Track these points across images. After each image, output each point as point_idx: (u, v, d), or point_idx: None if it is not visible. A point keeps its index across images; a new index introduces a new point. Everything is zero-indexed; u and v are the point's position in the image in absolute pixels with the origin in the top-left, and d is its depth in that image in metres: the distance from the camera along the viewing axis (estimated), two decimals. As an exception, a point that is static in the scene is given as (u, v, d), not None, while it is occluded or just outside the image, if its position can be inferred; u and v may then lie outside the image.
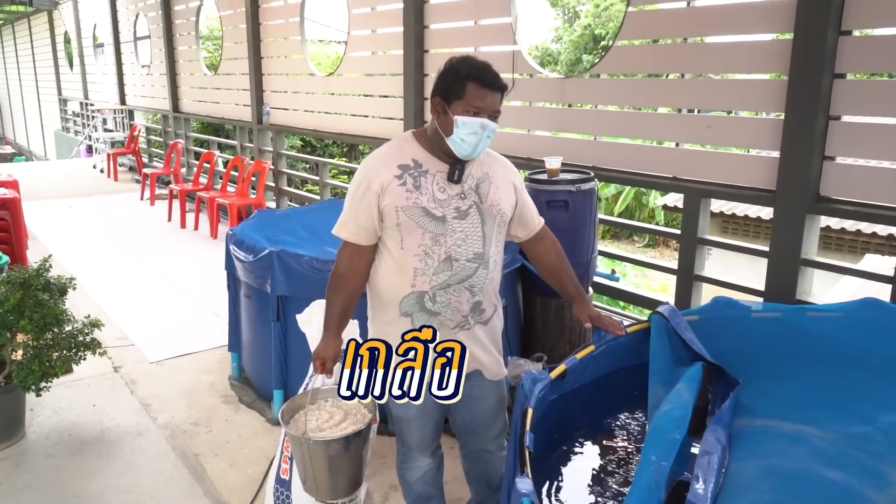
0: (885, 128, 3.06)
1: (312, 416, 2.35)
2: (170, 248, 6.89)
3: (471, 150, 2.05)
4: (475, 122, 2.00)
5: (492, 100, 2.03)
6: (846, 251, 10.19)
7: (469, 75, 2.02)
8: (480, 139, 2.03)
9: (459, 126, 2.01)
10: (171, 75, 9.94)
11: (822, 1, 3.00)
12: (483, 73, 2.03)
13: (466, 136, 2.01)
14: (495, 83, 2.04)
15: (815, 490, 1.68)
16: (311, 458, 2.24)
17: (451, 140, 2.04)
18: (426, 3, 5.24)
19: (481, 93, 2.02)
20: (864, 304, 2.45)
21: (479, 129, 2.01)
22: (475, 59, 2.07)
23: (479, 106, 2.01)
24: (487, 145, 2.09)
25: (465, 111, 2.01)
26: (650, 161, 3.93)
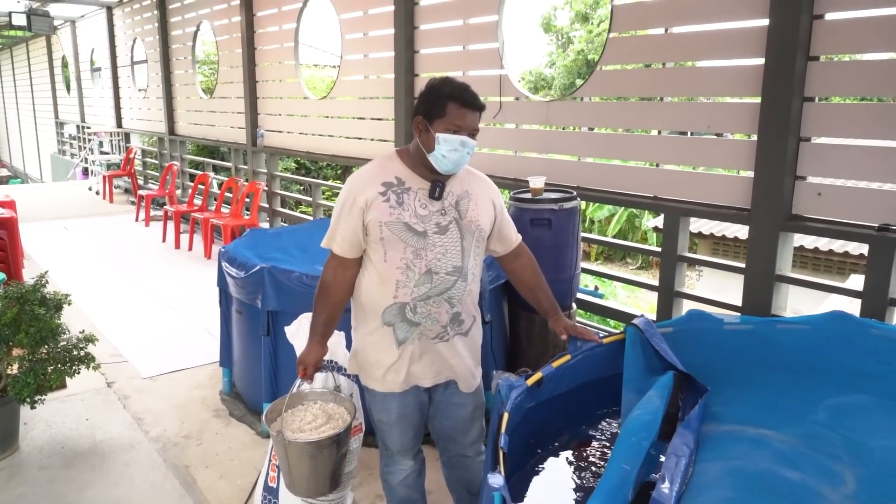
0: (851, 149, 3.19)
1: (298, 416, 2.44)
2: (164, 268, 6.98)
3: (451, 166, 2.16)
4: (456, 139, 2.12)
5: (471, 118, 2.15)
6: (835, 272, 10.34)
7: (450, 95, 2.14)
8: (461, 155, 2.14)
9: (441, 143, 2.12)
10: (167, 98, 10.09)
11: (791, 29, 3.13)
12: (463, 93, 2.15)
13: (447, 153, 2.13)
14: (474, 103, 2.16)
15: (773, 488, 1.77)
16: (288, 457, 2.32)
17: (432, 156, 2.15)
18: (416, 29, 5.39)
19: (461, 112, 2.13)
20: (832, 317, 2.55)
21: (460, 146, 2.13)
22: (455, 81, 2.19)
23: (460, 124, 2.13)
24: (467, 161, 2.20)
25: (447, 129, 2.12)
26: (632, 181, 4.05)
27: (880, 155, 3.08)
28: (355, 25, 6.10)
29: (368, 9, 5.89)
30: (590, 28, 21.39)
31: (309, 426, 2.38)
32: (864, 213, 3.10)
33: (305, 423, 2.39)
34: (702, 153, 3.78)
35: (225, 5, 8.18)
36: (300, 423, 2.39)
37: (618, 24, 4.00)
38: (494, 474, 1.68)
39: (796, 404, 2.23)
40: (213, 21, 8.58)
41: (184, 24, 9.39)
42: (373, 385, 2.36)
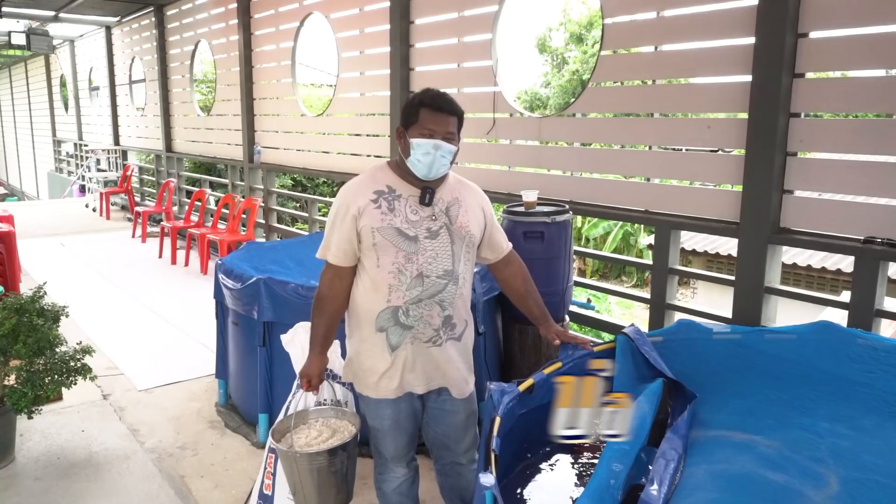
0: (836, 163, 3.26)
1: (302, 433, 2.48)
2: (160, 283, 7.01)
3: (427, 170, 2.22)
4: (428, 143, 2.18)
5: (443, 122, 2.21)
6: (827, 289, 10.41)
7: (422, 102, 2.23)
8: (434, 158, 2.20)
9: (415, 147, 2.19)
10: (164, 116, 10.17)
11: (776, 47, 3.21)
12: (435, 99, 2.23)
13: (421, 157, 2.19)
14: (446, 107, 2.23)
15: (758, 489, 1.81)
16: (298, 472, 2.35)
17: (409, 161, 2.22)
18: (412, 47, 5.48)
19: (433, 116, 2.20)
20: (818, 327, 2.60)
21: (433, 150, 2.19)
22: (431, 90, 2.27)
23: (432, 128, 2.19)
24: (444, 164, 2.24)
25: (420, 134, 2.19)
26: (623, 195, 4.12)
27: (865, 169, 3.15)
28: (352, 44, 6.19)
29: (365, 27, 5.99)
30: (584, 49, 21.62)
31: (316, 441, 2.42)
32: (850, 225, 3.15)
33: (312, 440, 2.44)
34: (692, 168, 3.85)
35: (223, 24, 8.29)
36: (307, 440, 2.44)
37: (609, 42, 4.09)
38: (486, 474, 1.72)
39: (782, 411, 2.27)
40: (211, 40, 8.69)
41: (182, 44, 9.50)
42: (367, 392, 2.40)
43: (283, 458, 2.40)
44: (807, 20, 3.16)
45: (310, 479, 2.36)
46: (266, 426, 3.54)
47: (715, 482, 1.86)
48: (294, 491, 2.45)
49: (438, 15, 5.20)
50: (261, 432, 3.56)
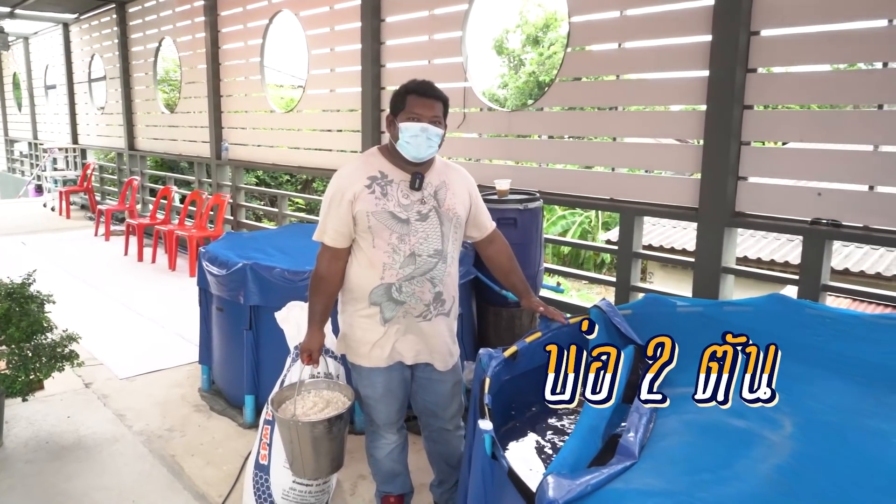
0: (785, 151, 3.54)
1: (298, 404, 2.62)
2: (130, 280, 7.01)
3: (416, 152, 2.39)
4: (416, 126, 2.36)
5: (430, 107, 2.39)
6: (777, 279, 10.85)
7: (408, 89, 2.41)
8: (422, 140, 2.37)
9: (403, 131, 2.37)
10: (127, 114, 10.11)
11: (731, 44, 3.48)
12: (420, 85, 2.42)
13: (410, 139, 2.37)
14: (430, 92, 2.41)
15: (724, 433, 2.02)
16: (299, 440, 2.49)
17: (399, 145, 2.40)
18: (382, 45, 5.64)
19: (419, 101, 2.38)
20: (771, 299, 2.86)
21: (420, 132, 2.36)
22: (417, 79, 2.45)
23: (419, 112, 2.37)
24: (432, 147, 2.41)
25: (408, 118, 2.37)
26: (590, 184, 4.35)
27: (812, 157, 3.43)
28: (322, 41, 6.32)
29: (335, 25, 6.13)
30: (540, 51, 21.97)
31: (312, 411, 2.56)
32: (798, 208, 3.43)
33: (308, 409, 2.58)
34: (654, 158, 4.10)
35: (188, 22, 8.31)
36: (303, 410, 2.57)
37: (575, 40, 4.32)
38: (484, 420, 1.90)
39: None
40: (175, 37, 8.69)
41: (145, 41, 9.47)
42: (360, 361, 2.55)
43: (283, 427, 2.54)
44: (758, 19, 3.43)
45: (309, 446, 2.50)
46: (253, 407, 3.66)
47: (686, 428, 2.07)
48: (292, 458, 2.59)
49: (409, 13, 5.37)
50: (247, 413, 3.67)
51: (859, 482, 1.76)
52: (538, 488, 1.60)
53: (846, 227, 3.27)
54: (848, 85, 3.31)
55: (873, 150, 3.20)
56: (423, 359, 2.58)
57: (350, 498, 3.05)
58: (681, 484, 1.75)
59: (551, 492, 1.57)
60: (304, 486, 2.81)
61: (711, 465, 1.87)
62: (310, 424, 2.46)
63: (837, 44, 3.25)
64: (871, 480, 1.78)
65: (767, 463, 1.87)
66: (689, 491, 1.70)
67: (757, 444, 1.98)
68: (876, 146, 3.19)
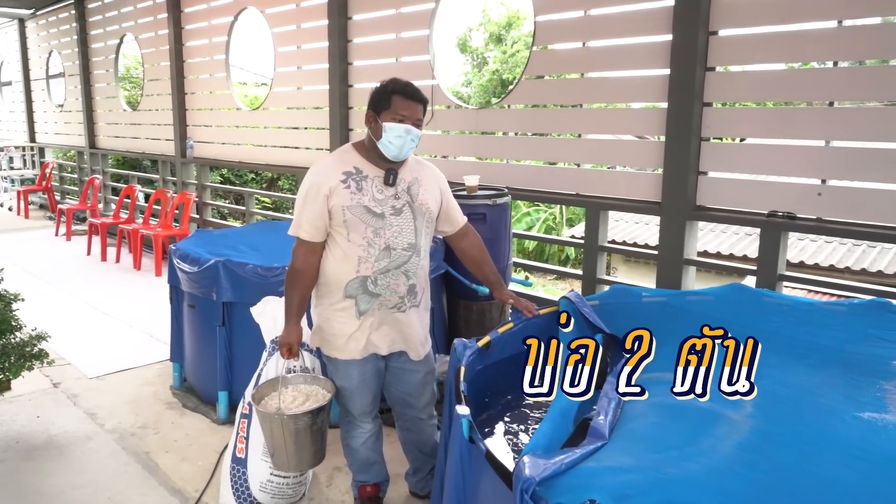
0: (744, 147, 3.68)
1: (277, 399, 2.65)
2: (95, 280, 6.93)
3: (398, 151, 2.46)
4: (400, 127, 2.43)
5: (414, 109, 2.47)
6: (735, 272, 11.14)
7: (395, 90, 2.47)
8: (405, 142, 2.44)
9: (387, 131, 2.43)
10: (87, 112, 9.94)
11: (690, 43, 3.60)
12: (406, 87, 2.48)
13: (393, 139, 2.43)
14: (416, 95, 2.49)
15: (689, 413, 2.13)
16: (283, 434, 2.53)
17: (381, 143, 2.45)
18: (350, 42, 5.68)
19: (405, 103, 2.45)
20: (731, 288, 3.00)
21: (404, 133, 2.43)
22: (400, 79, 2.51)
23: (404, 114, 2.44)
24: (412, 148, 2.49)
25: (393, 119, 2.43)
26: (556, 180, 4.45)
27: (768, 152, 3.57)
28: (288, 39, 6.32)
29: (302, 23, 6.13)
30: (504, 49, 22.11)
31: (293, 405, 2.60)
32: (756, 201, 3.58)
33: (289, 403, 2.61)
34: (618, 154, 4.22)
35: (151, 18, 8.22)
36: (284, 404, 2.61)
37: (540, 39, 4.41)
38: (461, 406, 1.97)
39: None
40: (137, 34, 8.59)
41: (105, 37, 9.33)
42: (335, 354, 2.61)
43: (265, 421, 2.57)
44: (716, 20, 3.56)
45: (292, 439, 2.54)
46: (227, 403, 3.68)
47: (653, 410, 2.17)
48: (274, 451, 2.63)
49: (376, 11, 5.41)
50: (221, 409, 3.69)
51: (814, 455, 1.88)
52: (515, 468, 1.68)
53: (801, 219, 3.42)
54: (801, 83, 3.46)
55: (825, 146, 3.35)
56: (398, 348, 2.64)
57: (326, 489, 3.10)
58: (650, 461, 1.85)
59: (528, 470, 1.65)
60: (281, 478, 2.85)
61: (678, 443, 1.98)
62: (293, 418, 2.51)
63: (790, 44, 3.39)
64: (825, 454, 1.90)
65: (730, 440, 1.98)
66: (658, 467, 1.80)
67: (720, 423, 2.09)
68: (827, 141, 3.34)
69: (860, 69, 3.37)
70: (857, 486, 1.73)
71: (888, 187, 3.19)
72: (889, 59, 3.23)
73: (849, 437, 1.99)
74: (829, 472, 1.80)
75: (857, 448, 1.92)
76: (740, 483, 1.74)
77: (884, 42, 3.15)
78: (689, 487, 1.70)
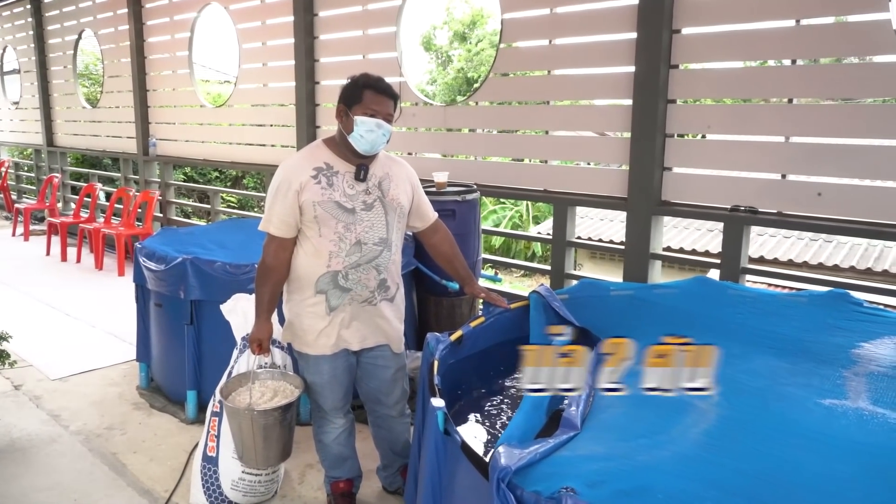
0: (706, 143, 3.75)
1: (246, 395, 2.64)
2: (55, 281, 6.77)
3: (369, 146, 2.46)
4: (371, 121, 2.43)
5: (386, 104, 2.47)
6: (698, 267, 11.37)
7: (366, 84, 2.47)
8: (376, 136, 2.45)
9: (359, 125, 2.43)
10: (44, 109, 9.71)
11: (654, 41, 3.66)
12: (378, 82, 2.49)
13: (365, 133, 2.44)
14: (387, 91, 2.49)
15: (657, 402, 2.17)
16: (252, 430, 2.52)
17: (352, 137, 2.46)
18: (316, 39, 5.65)
19: (377, 98, 2.46)
20: (696, 281, 3.07)
21: (375, 128, 2.44)
22: (372, 74, 2.51)
23: (375, 108, 2.44)
24: (383, 143, 2.49)
25: (364, 113, 2.43)
26: (524, 177, 4.49)
27: (731, 147, 3.65)
28: (253, 35, 6.26)
29: (266, 19, 6.08)
30: (468, 47, 22.16)
31: (261, 401, 2.59)
32: (719, 196, 3.66)
33: (257, 400, 2.60)
34: (585, 150, 4.28)
35: (111, 13, 8.06)
36: (253, 400, 2.60)
37: (507, 36, 4.45)
38: (435, 398, 1.99)
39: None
40: (97, 30, 8.42)
41: (63, 33, 9.12)
42: (305, 349, 2.61)
43: (234, 417, 2.56)
44: (679, 18, 3.63)
45: (261, 435, 2.53)
46: (195, 403, 3.64)
47: (622, 400, 2.21)
48: (242, 449, 2.62)
49: (343, 8, 5.39)
50: (190, 409, 3.65)
51: (778, 440, 1.94)
52: (491, 458, 1.70)
53: (762, 213, 3.51)
54: (761, 80, 3.55)
55: (784, 141, 3.45)
56: (370, 343, 2.65)
57: (299, 486, 3.09)
58: (621, 449, 1.89)
59: (503, 460, 1.68)
60: (253, 475, 2.83)
61: (647, 431, 2.02)
62: (263, 413, 2.50)
63: (751, 42, 3.48)
64: (788, 439, 1.96)
65: (698, 427, 2.04)
66: (629, 455, 1.84)
67: (688, 412, 2.15)
68: (787, 137, 3.43)
69: (816, 67, 3.47)
70: (818, 467, 1.80)
71: (845, 181, 3.29)
72: (843, 57, 3.34)
73: (810, 423, 2.06)
74: (791, 455, 1.86)
75: (818, 433, 1.99)
76: (708, 467, 1.79)
77: (838, 41, 3.25)
78: (659, 473, 1.74)
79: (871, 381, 2.31)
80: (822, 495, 1.67)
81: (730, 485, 1.70)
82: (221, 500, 2.83)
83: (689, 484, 1.70)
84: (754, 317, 2.81)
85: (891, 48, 3.07)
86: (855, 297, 2.75)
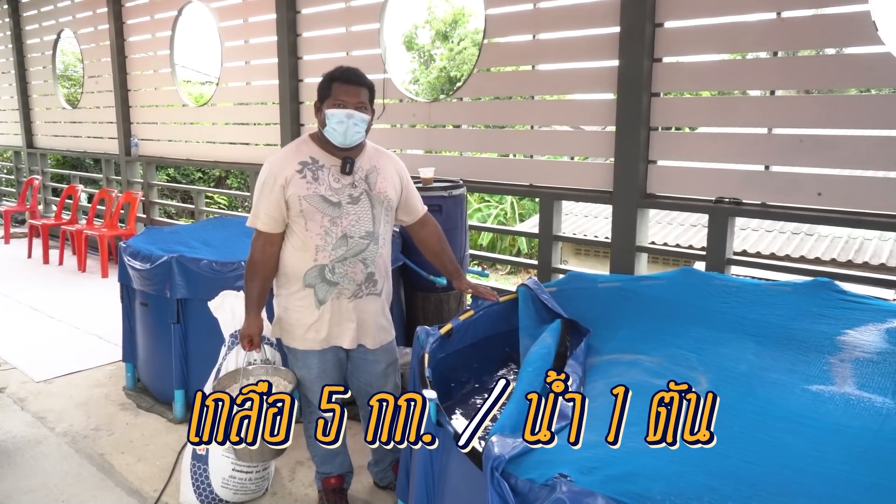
0: (690, 135, 3.79)
1: (240, 387, 2.63)
2: (38, 283, 6.70)
3: (342, 137, 2.46)
4: (341, 112, 2.43)
5: (354, 93, 2.46)
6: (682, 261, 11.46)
7: (333, 77, 2.48)
8: (347, 126, 2.44)
9: (329, 118, 2.44)
10: (23, 110, 9.59)
11: (637, 35, 3.69)
12: (345, 73, 2.48)
13: (336, 126, 2.44)
14: (354, 79, 2.48)
15: (646, 391, 2.18)
16: None
17: (326, 131, 2.46)
18: (299, 37, 5.63)
19: (344, 88, 2.45)
20: (682, 272, 3.09)
21: (346, 118, 2.43)
22: (343, 66, 2.51)
23: (344, 99, 2.44)
24: (358, 132, 2.48)
25: (334, 105, 2.44)
26: (510, 172, 4.51)
27: (714, 140, 3.68)
28: (236, 33, 6.23)
29: (249, 17, 6.05)
30: (450, 46, 22.16)
31: None
32: (703, 188, 3.69)
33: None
34: (570, 144, 4.30)
35: (90, 13, 7.98)
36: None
37: (491, 32, 4.45)
38: (427, 390, 1.99)
39: (660, 336, 2.69)
40: (76, 29, 8.33)
41: (41, 33, 9.01)
42: (294, 344, 2.60)
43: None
44: (662, 11, 3.65)
45: None
46: (183, 402, 3.62)
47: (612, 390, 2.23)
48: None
49: (326, 5, 5.38)
50: (177, 408, 3.63)
51: (764, 424, 1.97)
52: (484, 448, 1.71)
53: (746, 204, 3.55)
54: (743, 73, 3.58)
55: (767, 133, 3.48)
56: (362, 339, 2.65)
57: (289, 484, 3.08)
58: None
59: (497, 449, 1.68)
60: (243, 473, 2.82)
61: (637, 419, 2.03)
62: None
63: (733, 35, 3.51)
64: (774, 423, 1.98)
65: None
66: (621, 441, 1.85)
67: (676, 400, 2.16)
68: (769, 129, 3.47)
69: (797, 59, 3.50)
70: (804, 449, 1.82)
71: (826, 171, 3.33)
72: (822, 48, 3.38)
73: (796, 407, 2.08)
74: (777, 438, 1.89)
75: (803, 416, 2.01)
76: (697, 451, 1.80)
77: (817, 33, 3.29)
78: (649, 458, 1.75)
79: (855, 367, 2.34)
80: (809, 476, 1.69)
81: (718, 467, 1.72)
82: (212, 498, 2.82)
83: (680, 468, 1.71)
84: (740, 306, 2.83)
85: (870, 40, 3.11)
86: (838, 285, 2.78)
